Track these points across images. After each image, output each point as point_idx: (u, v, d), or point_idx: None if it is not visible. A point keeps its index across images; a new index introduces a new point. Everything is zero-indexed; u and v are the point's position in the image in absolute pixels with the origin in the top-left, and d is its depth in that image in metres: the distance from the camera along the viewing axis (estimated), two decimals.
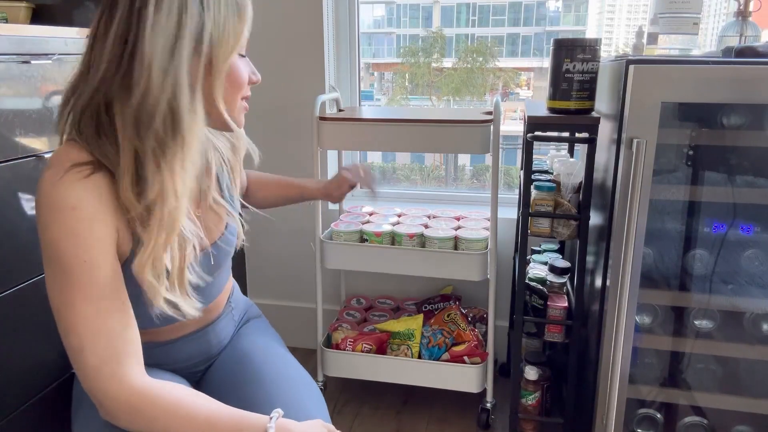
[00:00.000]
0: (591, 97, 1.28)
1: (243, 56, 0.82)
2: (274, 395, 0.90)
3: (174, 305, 0.78)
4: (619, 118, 1.12)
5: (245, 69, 0.82)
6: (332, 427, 0.87)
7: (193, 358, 0.99)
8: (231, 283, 1.07)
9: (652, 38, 1.29)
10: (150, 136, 0.73)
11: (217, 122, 0.80)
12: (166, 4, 0.70)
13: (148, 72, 0.71)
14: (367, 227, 1.62)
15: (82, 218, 0.71)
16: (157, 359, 0.92)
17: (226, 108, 0.79)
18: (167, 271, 0.78)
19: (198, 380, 1.02)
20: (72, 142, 0.75)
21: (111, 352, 0.74)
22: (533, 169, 1.50)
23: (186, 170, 0.76)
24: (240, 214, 0.98)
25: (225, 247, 0.94)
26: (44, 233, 0.72)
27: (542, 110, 1.35)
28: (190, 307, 0.80)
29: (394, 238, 1.60)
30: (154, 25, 0.70)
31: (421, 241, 1.58)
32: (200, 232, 0.84)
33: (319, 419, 0.85)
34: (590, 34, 1.94)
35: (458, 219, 1.70)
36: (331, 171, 1.94)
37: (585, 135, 1.28)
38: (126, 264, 0.78)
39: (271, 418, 0.79)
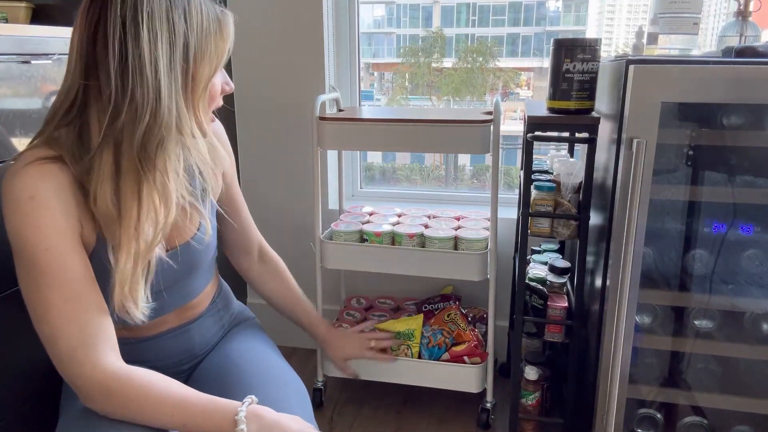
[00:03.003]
0: (591, 97, 1.28)
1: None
2: (258, 394, 0.90)
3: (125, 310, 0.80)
4: (619, 118, 1.12)
5: (219, 81, 0.84)
6: (311, 425, 0.87)
7: (175, 355, 0.99)
8: (217, 284, 1.07)
9: (652, 38, 1.29)
10: (159, 156, 0.75)
11: None
12: (157, 29, 0.72)
13: (156, 97, 0.72)
14: (367, 227, 1.62)
15: (40, 208, 0.73)
16: (138, 356, 0.92)
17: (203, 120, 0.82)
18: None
19: (185, 380, 1.02)
20: (43, 143, 0.77)
21: (82, 338, 0.75)
22: (533, 169, 1.50)
23: (174, 184, 0.79)
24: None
25: (198, 246, 0.93)
26: (7, 224, 0.74)
27: (542, 110, 1.35)
28: (139, 312, 0.81)
29: (394, 238, 1.60)
30: (152, 48, 0.71)
31: (421, 241, 1.58)
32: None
33: (297, 416, 0.85)
34: (590, 34, 1.94)
35: (458, 219, 1.70)
36: (331, 171, 1.94)
37: (585, 135, 1.28)
38: (93, 255, 0.79)
39: (243, 403, 0.80)
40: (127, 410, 0.77)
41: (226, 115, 1.88)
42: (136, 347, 0.92)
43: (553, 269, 1.48)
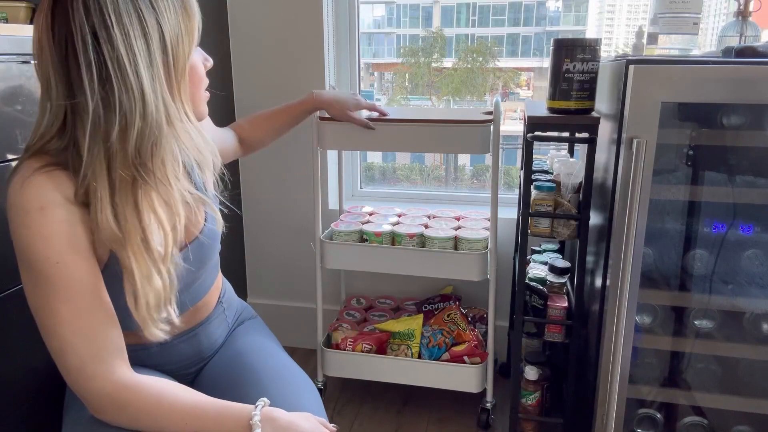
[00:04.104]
0: (591, 97, 1.28)
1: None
2: (270, 392, 0.90)
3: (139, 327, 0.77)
4: (619, 118, 1.12)
5: (200, 59, 0.83)
6: (324, 420, 0.86)
7: (184, 359, 0.98)
8: (221, 283, 1.06)
9: (652, 38, 1.28)
10: (156, 158, 0.73)
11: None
12: (128, 25, 0.68)
13: (141, 99, 0.70)
14: (367, 227, 1.62)
15: (51, 219, 0.70)
16: (147, 361, 0.91)
17: (194, 102, 0.81)
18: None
19: (191, 381, 1.01)
20: (43, 153, 0.73)
21: (92, 352, 0.74)
22: (533, 169, 1.50)
23: (175, 185, 0.77)
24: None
25: (208, 241, 0.91)
26: (16, 237, 0.71)
27: (542, 110, 1.35)
28: (156, 330, 0.78)
29: (394, 238, 1.60)
30: (129, 50, 0.68)
31: (421, 241, 1.58)
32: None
33: (309, 412, 0.85)
34: (590, 34, 1.94)
35: (458, 219, 1.70)
36: (331, 171, 1.94)
37: (585, 135, 1.28)
38: (107, 266, 0.77)
39: (256, 407, 0.79)
40: (138, 421, 0.76)
41: (228, 114, 1.88)
42: (145, 353, 0.91)
43: (553, 269, 1.48)
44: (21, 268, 0.73)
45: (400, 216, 1.73)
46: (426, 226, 1.62)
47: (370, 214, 1.75)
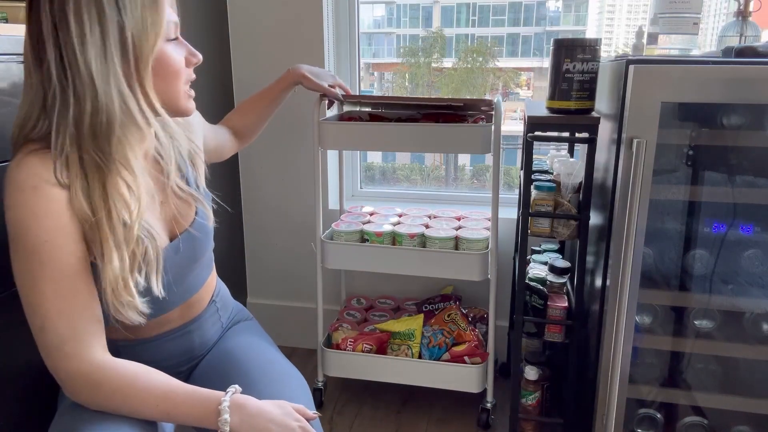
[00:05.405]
0: (591, 97, 1.29)
1: (175, 39, 0.82)
2: (259, 388, 0.91)
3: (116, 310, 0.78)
4: (619, 118, 1.12)
5: (179, 54, 0.82)
6: (302, 407, 0.87)
7: (175, 357, 0.99)
8: (215, 281, 1.07)
9: (652, 38, 1.29)
10: (114, 144, 0.75)
11: (169, 111, 0.83)
12: (86, 17, 0.72)
13: (92, 86, 0.73)
14: (367, 227, 1.62)
15: (43, 198, 0.73)
16: (137, 358, 0.92)
17: (170, 96, 0.82)
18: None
19: (183, 380, 1.01)
20: (33, 141, 0.77)
21: (72, 332, 0.75)
22: (533, 169, 1.50)
23: (138, 171, 0.79)
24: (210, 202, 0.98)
25: (198, 235, 0.93)
26: (8, 214, 0.74)
27: (542, 110, 1.35)
28: (135, 313, 0.80)
29: (394, 238, 1.60)
30: (82, 40, 0.72)
31: (422, 241, 1.58)
32: (156, 231, 0.84)
33: (284, 400, 0.87)
34: (590, 34, 1.94)
35: (459, 219, 1.70)
36: (332, 171, 1.94)
37: (585, 135, 1.28)
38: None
39: (226, 393, 0.81)
40: (112, 402, 0.78)
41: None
42: (136, 349, 0.92)
43: (553, 269, 1.48)
44: (11, 246, 0.75)
45: (400, 216, 1.73)
46: (426, 226, 1.62)
47: (371, 214, 1.75)
